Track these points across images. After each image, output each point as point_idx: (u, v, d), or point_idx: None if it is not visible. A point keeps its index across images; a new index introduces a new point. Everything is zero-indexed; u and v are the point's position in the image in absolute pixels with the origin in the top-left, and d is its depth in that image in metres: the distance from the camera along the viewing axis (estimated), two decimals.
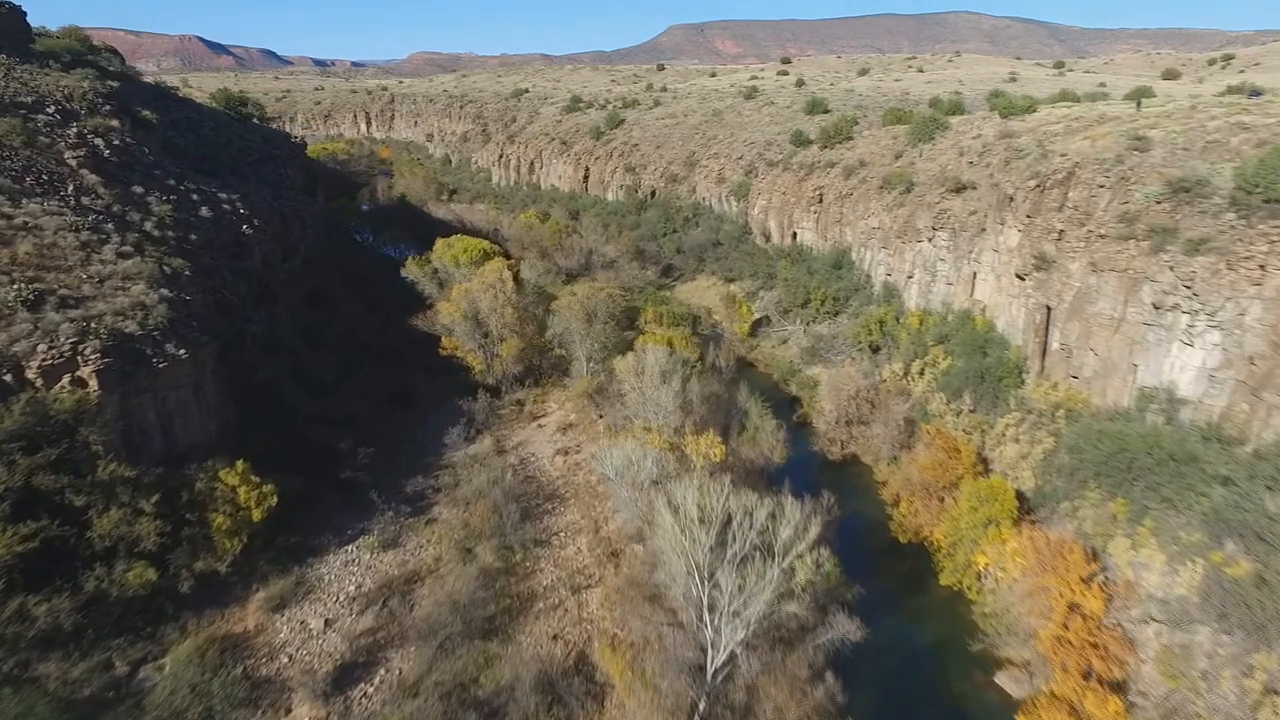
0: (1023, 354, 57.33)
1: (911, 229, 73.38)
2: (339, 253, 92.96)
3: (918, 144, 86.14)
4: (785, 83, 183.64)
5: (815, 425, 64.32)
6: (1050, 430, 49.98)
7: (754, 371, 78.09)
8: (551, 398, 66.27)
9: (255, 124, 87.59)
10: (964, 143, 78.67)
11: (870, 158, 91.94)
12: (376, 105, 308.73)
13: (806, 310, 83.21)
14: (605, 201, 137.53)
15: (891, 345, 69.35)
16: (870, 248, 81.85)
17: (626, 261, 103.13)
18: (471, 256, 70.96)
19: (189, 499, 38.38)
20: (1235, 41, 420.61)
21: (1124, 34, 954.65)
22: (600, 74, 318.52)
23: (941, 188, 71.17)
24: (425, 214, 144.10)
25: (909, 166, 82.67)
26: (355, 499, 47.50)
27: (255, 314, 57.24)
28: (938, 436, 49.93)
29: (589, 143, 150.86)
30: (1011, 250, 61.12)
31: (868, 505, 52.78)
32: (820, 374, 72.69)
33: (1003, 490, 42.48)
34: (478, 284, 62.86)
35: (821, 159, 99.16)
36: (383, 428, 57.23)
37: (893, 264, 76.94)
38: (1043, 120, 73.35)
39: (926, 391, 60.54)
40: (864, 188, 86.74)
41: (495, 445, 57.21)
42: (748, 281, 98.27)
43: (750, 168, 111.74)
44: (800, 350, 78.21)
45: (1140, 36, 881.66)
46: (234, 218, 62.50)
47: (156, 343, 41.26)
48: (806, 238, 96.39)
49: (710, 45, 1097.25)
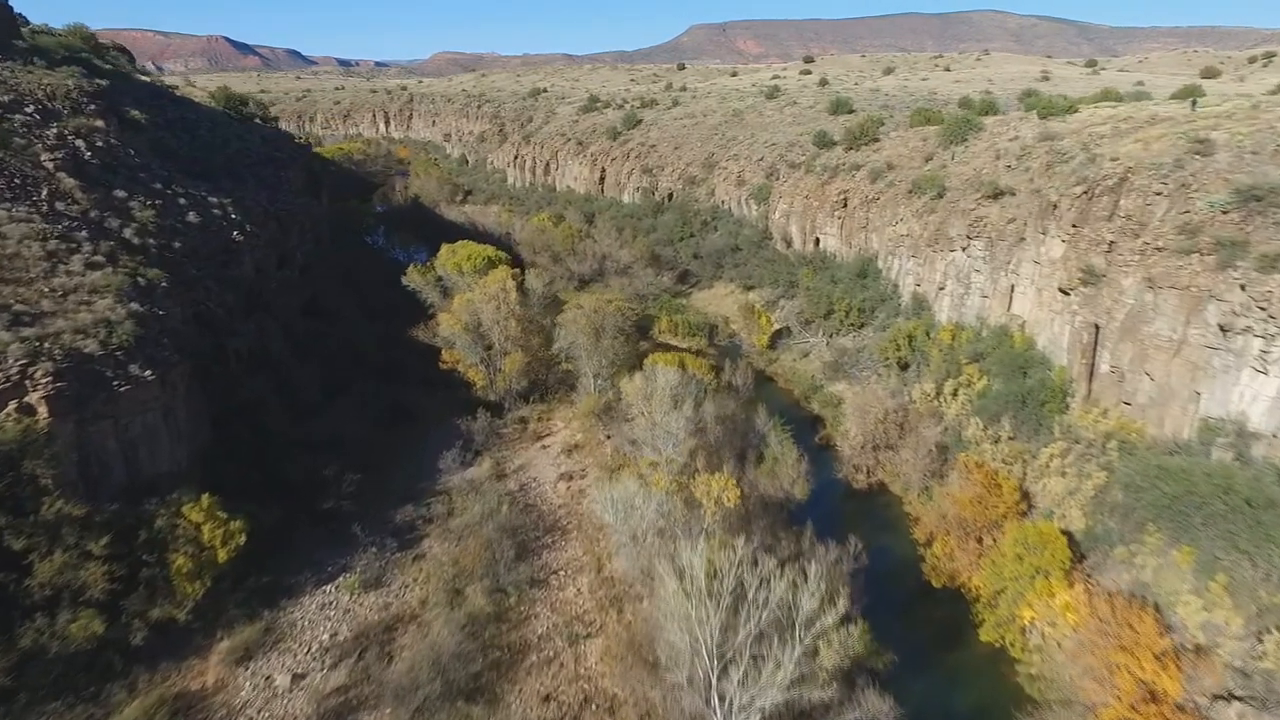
0: (1067, 376, 52.56)
1: (943, 237, 68.69)
2: (344, 257, 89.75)
3: (949, 146, 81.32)
4: (808, 82, 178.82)
5: (839, 448, 59.90)
6: (1101, 463, 45.23)
7: (773, 387, 73.72)
8: (558, 415, 62.37)
9: (257, 124, 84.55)
10: (1000, 145, 73.84)
11: (898, 160, 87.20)
12: (395, 105, 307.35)
13: (829, 322, 78.70)
14: (621, 204, 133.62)
15: (921, 362, 64.73)
16: (898, 256, 77.18)
17: (641, 267, 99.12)
18: (475, 264, 67.21)
19: (147, 538, 34.83)
20: (1270, 39, 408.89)
21: (1154, 32, 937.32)
22: (620, 73, 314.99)
23: (977, 193, 66.41)
24: (437, 216, 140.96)
25: (940, 170, 77.90)
26: (338, 531, 43.81)
27: (243, 326, 53.83)
28: (976, 470, 45.36)
29: (605, 143, 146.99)
30: (1054, 262, 56.34)
31: (897, 542, 48.29)
32: (844, 391, 68.19)
33: (1052, 537, 37.86)
34: (479, 294, 59.09)
35: (846, 161, 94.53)
36: (375, 449, 53.59)
37: (922, 274, 72.25)
38: (1086, 121, 68.41)
39: (960, 414, 55.89)
40: (891, 192, 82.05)
41: (494, 469, 53.39)
42: (767, 289, 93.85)
43: (771, 170, 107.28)
44: (822, 365, 73.70)
45: (1171, 35, 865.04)
46: (224, 223, 59.19)
47: (119, 364, 37.76)
48: (830, 244, 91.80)
49: (732, 45, 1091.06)
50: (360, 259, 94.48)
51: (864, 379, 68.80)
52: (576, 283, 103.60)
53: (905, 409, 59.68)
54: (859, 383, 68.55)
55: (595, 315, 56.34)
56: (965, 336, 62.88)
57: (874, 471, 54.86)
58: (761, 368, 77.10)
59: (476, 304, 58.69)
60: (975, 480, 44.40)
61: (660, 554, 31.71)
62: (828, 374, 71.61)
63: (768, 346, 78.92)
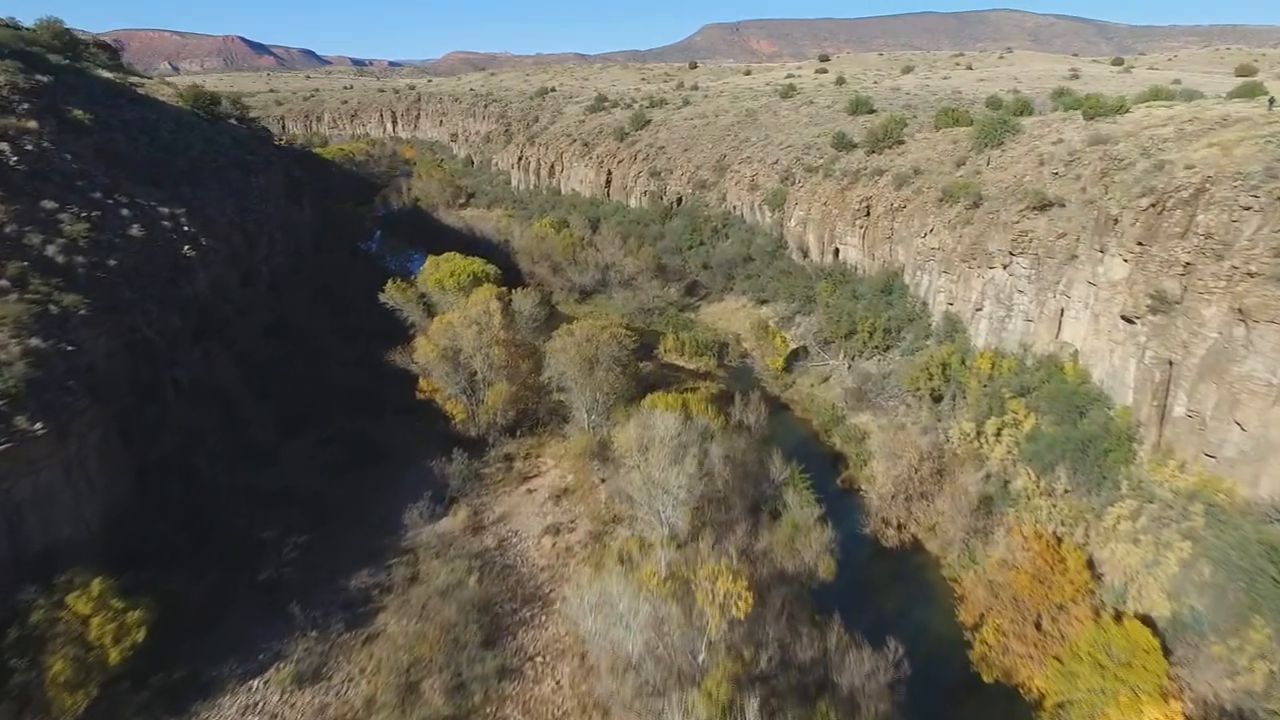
0: (1133, 419, 45.26)
1: (981, 252, 61.47)
2: (327, 269, 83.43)
3: (983, 149, 74.04)
4: (825, 81, 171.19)
5: (864, 494, 52.78)
6: (1182, 530, 38.00)
7: (789, 416, 66.66)
8: (548, 451, 55.58)
9: (232, 125, 78.31)
10: (1042, 148, 66.52)
11: (926, 165, 79.94)
12: (402, 104, 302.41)
13: (851, 342, 71.54)
14: (628, 208, 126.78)
15: (957, 394, 57.54)
16: (928, 271, 69.95)
17: (647, 279, 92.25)
18: (459, 281, 60.58)
19: (19, 636, 28.32)
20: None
21: (1174, 31, 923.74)
22: (630, 72, 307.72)
23: (1020, 204, 59.12)
24: (436, 221, 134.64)
25: (974, 176, 70.64)
26: (280, 603, 37.25)
27: (187, 355, 47.38)
28: (1033, 539, 38.21)
29: (612, 145, 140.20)
30: (1115, 285, 49.07)
31: (938, 619, 41.16)
32: (869, 424, 61.07)
33: (1144, 646, 30.65)
34: (459, 317, 52.39)
35: (868, 165, 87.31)
36: (335, 497, 46.96)
37: (956, 292, 65.02)
38: (1142, 123, 61.04)
39: (1006, 459, 48.71)
40: (919, 200, 74.81)
41: (471, 520, 46.68)
42: (782, 304, 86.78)
43: (786, 174, 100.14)
44: (844, 391, 66.58)
45: (1191, 34, 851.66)
46: (175, 236, 52.80)
47: (2, 416, 31.29)
48: (850, 255, 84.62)
49: (745, 44, 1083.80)
50: (347, 270, 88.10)
51: (891, 410, 61.66)
52: (578, 295, 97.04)
53: (940, 450, 52.56)
54: (885, 414, 61.41)
55: (587, 344, 49.54)
56: (1007, 366, 55.62)
57: (906, 526, 47.73)
58: (776, 393, 70.10)
59: (456, 328, 52.03)
60: (1033, 551, 37.28)
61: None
62: (850, 403, 64.47)
63: (783, 369, 71.81)
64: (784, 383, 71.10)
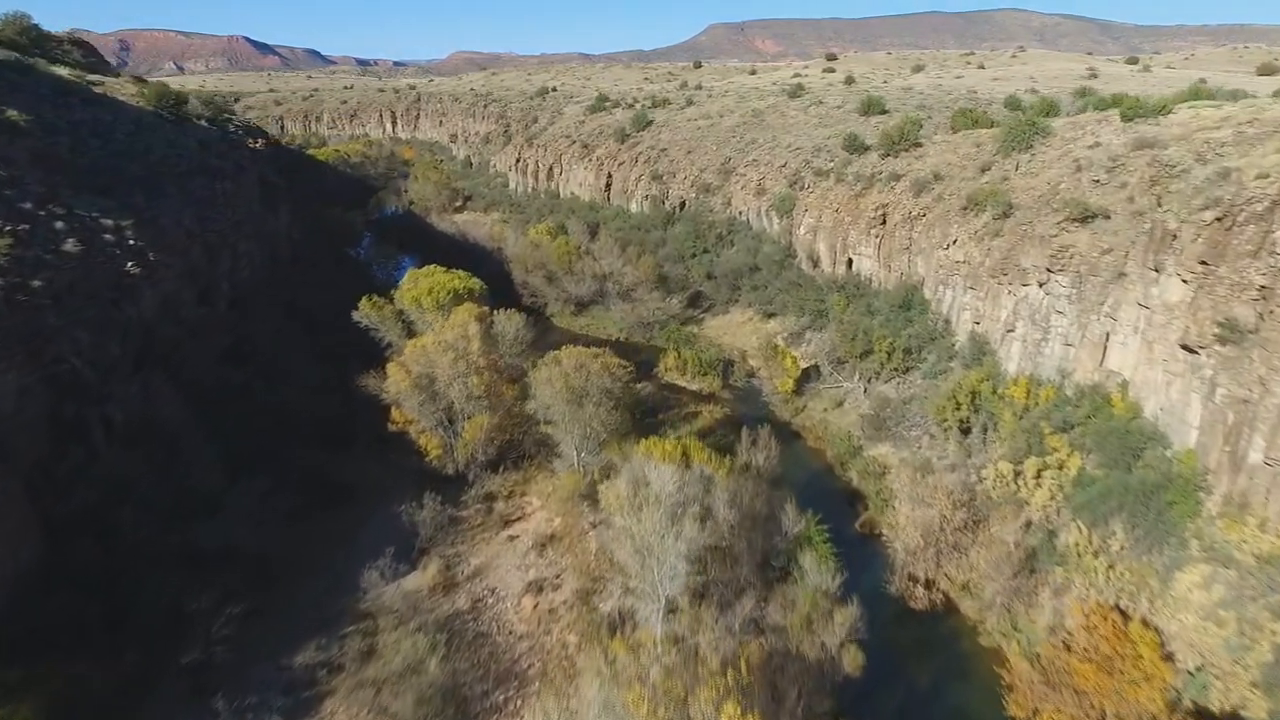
0: (1199, 464, 39.59)
1: (1012, 267, 55.76)
2: (305, 282, 77.97)
3: (1011, 153, 68.31)
4: (833, 80, 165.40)
5: (887, 541, 47.08)
6: (1273, 606, 32.31)
7: (801, 445, 60.99)
8: (534, 488, 50.04)
9: (201, 126, 72.88)
10: (1077, 152, 60.84)
11: (947, 170, 74.25)
12: (402, 105, 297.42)
13: (868, 363, 65.88)
14: (628, 213, 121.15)
15: (989, 425, 51.85)
16: (951, 286, 64.27)
17: (647, 290, 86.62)
18: (437, 298, 55.08)
19: None
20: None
21: (1180, 30, 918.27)
22: (633, 72, 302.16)
23: (1058, 214, 53.41)
24: (428, 226, 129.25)
25: (1002, 183, 64.94)
26: (208, 691, 31.75)
27: (122, 388, 41.93)
28: (1096, 614, 32.56)
29: (613, 146, 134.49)
30: (1172, 308, 43.37)
31: (980, 704, 35.42)
32: (889, 457, 55.38)
33: None
34: (433, 342, 46.87)
35: (883, 170, 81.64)
36: (288, 551, 41.49)
37: (984, 310, 59.31)
38: (1191, 125, 55.25)
39: (1049, 507, 43.01)
40: (941, 208, 69.16)
41: (442, 576, 41.17)
42: (791, 318, 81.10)
43: (795, 178, 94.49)
44: (861, 418, 60.90)
45: (1199, 33, 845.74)
46: (119, 251, 47.35)
47: None
48: (865, 266, 78.94)
49: (750, 44, 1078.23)
50: (329, 281, 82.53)
51: (913, 441, 55.96)
52: (574, 306, 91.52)
53: (971, 491, 46.87)
54: (907, 446, 55.71)
55: (576, 375, 43.96)
56: (1045, 395, 49.93)
57: (937, 583, 42.04)
58: (785, 419, 64.47)
59: (430, 354, 46.51)
60: (1096, 631, 31.64)
61: None
62: (868, 432, 58.77)
63: (793, 392, 66.12)
64: (794, 407, 65.43)
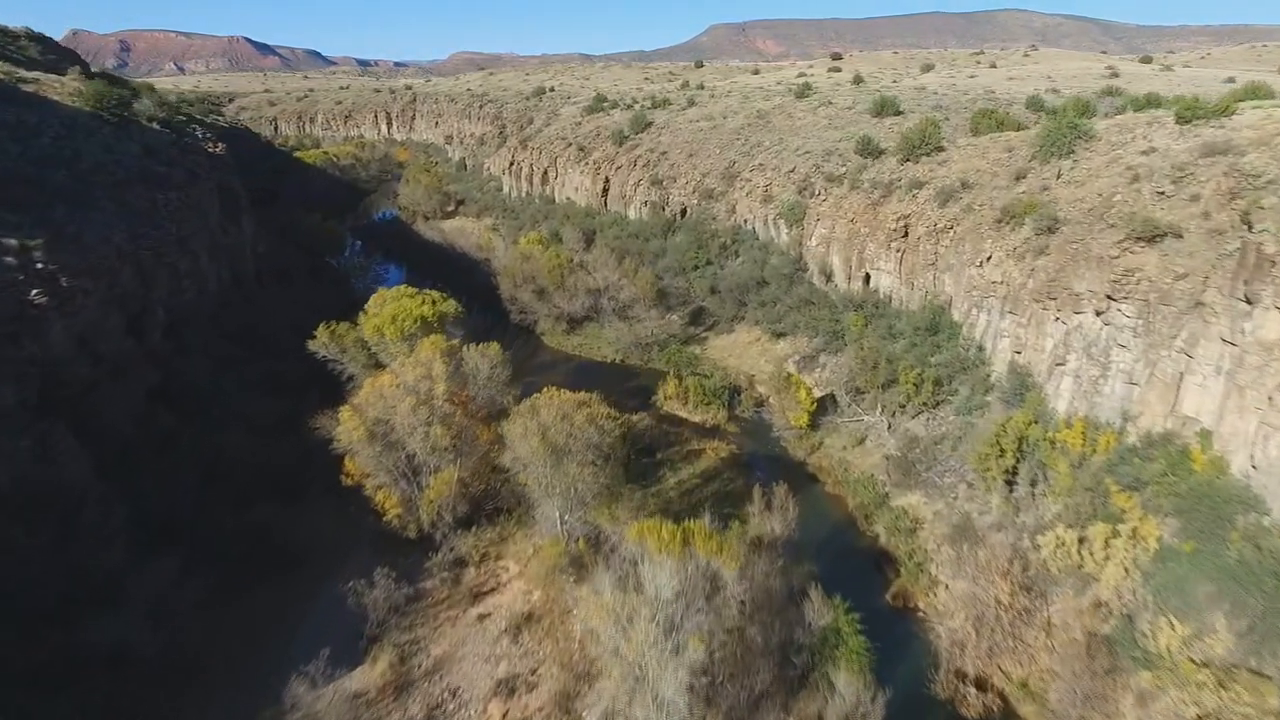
0: None
1: (1062, 290, 48.72)
2: (268, 300, 71.04)
3: (1050, 159, 61.35)
4: (840, 80, 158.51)
5: (925, 619, 40.07)
6: None
7: (818, 491, 53.90)
8: (511, 550, 43.03)
9: (152, 129, 65.88)
10: (1129, 159, 53.85)
11: (975, 177, 67.30)
12: (397, 105, 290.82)
13: (892, 394, 58.88)
14: (626, 220, 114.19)
15: (1039, 476, 44.81)
16: (986, 309, 57.26)
17: (645, 307, 79.58)
18: (403, 327, 48.05)
19: None
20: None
21: (1183, 31, 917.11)
22: (633, 71, 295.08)
23: (1116, 231, 46.42)
24: (415, 234, 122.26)
25: (1042, 194, 57.93)
26: None
27: (13, 444, 34.95)
28: None
29: (610, 149, 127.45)
30: (1269, 347, 36.34)
31: None
32: (920, 508, 48.34)
33: None
34: (391, 384, 39.92)
35: (902, 176, 74.68)
36: (215, 637, 34.54)
37: (1026, 338, 52.28)
38: (1264, 128, 48.23)
39: (1124, 585, 36.00)
40: (970, 220, 62.20)
41: (395, 671, 34.23)
42: (803, 338, 74.04)
43: (805, 184, 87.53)
44: (886, 460, 53.91)
45: (1202, 34, 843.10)
46: (22, 276, 40.42)
47: None
48: (884, 283, 71.94)
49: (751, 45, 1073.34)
50: (299, 299, 75.54)
51: (948, 490, 48.91)
52: (566, 324, 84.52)
53: (1025, 560, 39.89)
54: (941, 496, 48.66)
55: (557, 429, 36.87)
56: (1106, 443, 42.92)
57: (990, 681, 34.96)
58: (800, 458, 57.45)
59: (387, 398, 39.61)
60: None
61: None
62: (894, 477, 51.74)
63: (808, 426, 59.09)
64: (809, 444, 58.36)
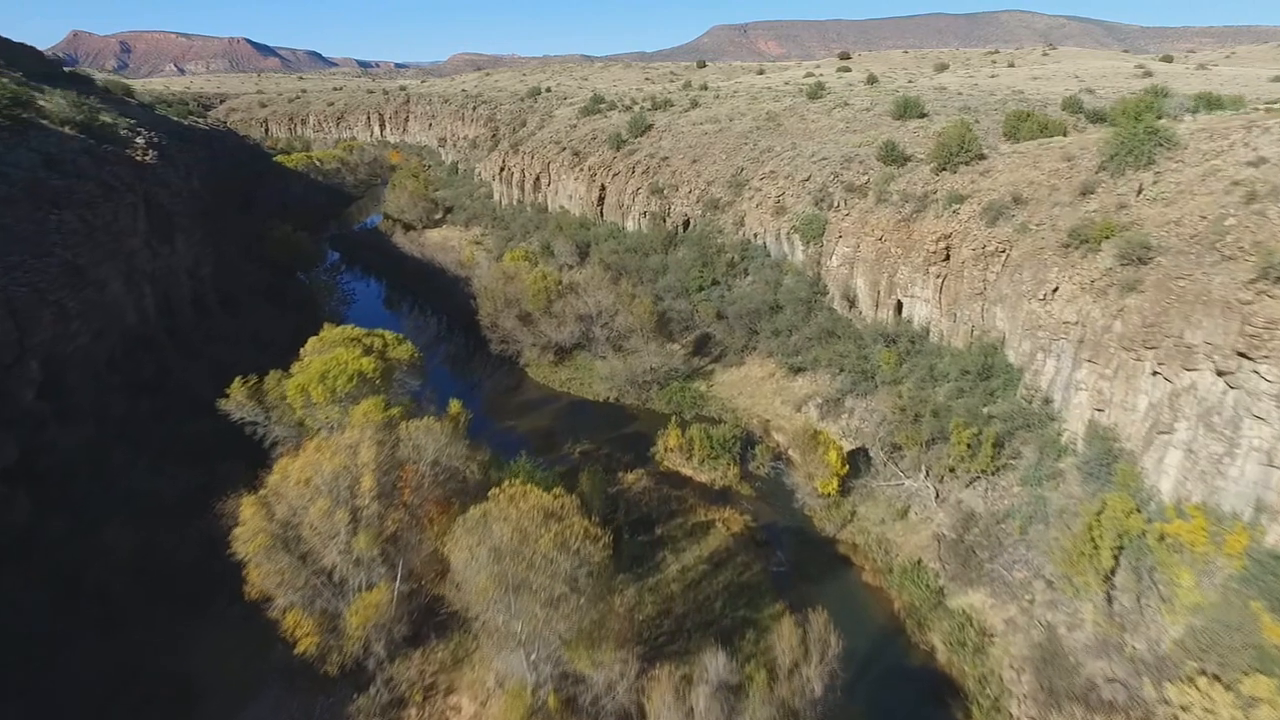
0: None
1: (1165, 339, 38.77)
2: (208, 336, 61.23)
3: (1124, 170, 51.48)
4: (852, 80, 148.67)
5: None
6: None
7: (853, 578, 43.78)
8: (465, 682, 33.14)
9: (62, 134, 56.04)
10: (1233, 172, 44.00)
11: (1029, 190, 57.45)
12: (391, 106, 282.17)
13: (937, 452, 48.94)
14: (623, 232, 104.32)
15: (1148, 582, 34.85)
16: (1055, 354, 47.25)
17: (643, 337, 69.55)
18: (334, 386, 37.91)
19: None
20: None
21: (1185, 32, 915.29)
22: (633, 71, 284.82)
23: (1239, 265, 36.48)
24: (394, 248, 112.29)
25: (1119, 213, 48.05)
26: None
27: None
28: None
29: (606, 154, 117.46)
30: None
31: None
32: (988, 613, 38.35)
33: None
34: (296, 481, 29.91)
35: (938, 188, 64.88)
36: None
37: (1110, 394, 42.28)
38: None
39: None
40: (1028, 243, 52.34)
41: None
42: (825, 375, 64.04)
43: (822, 194, 77.60)
44: (936, 540, 43.92)
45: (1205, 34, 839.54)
46: None
47: None
48: (920, 312, 62.09)
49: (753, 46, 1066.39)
50: (247, 331, 65.68)
51: (1020, 589, 38.87)
52: (554, 353, 74.56)
53: (1144, 708, 29.95)
54: (1012, 596, 38.64)
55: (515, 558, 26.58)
56: (1237, 544, 32.96)
57: None
58: (829, 533, 47.37)
59: (290, 499, 29.73)
60: None
61: None
62: (950, 564, 41.75)
63: (838, 492, 49.07)
64: (840, 514, 48.26)
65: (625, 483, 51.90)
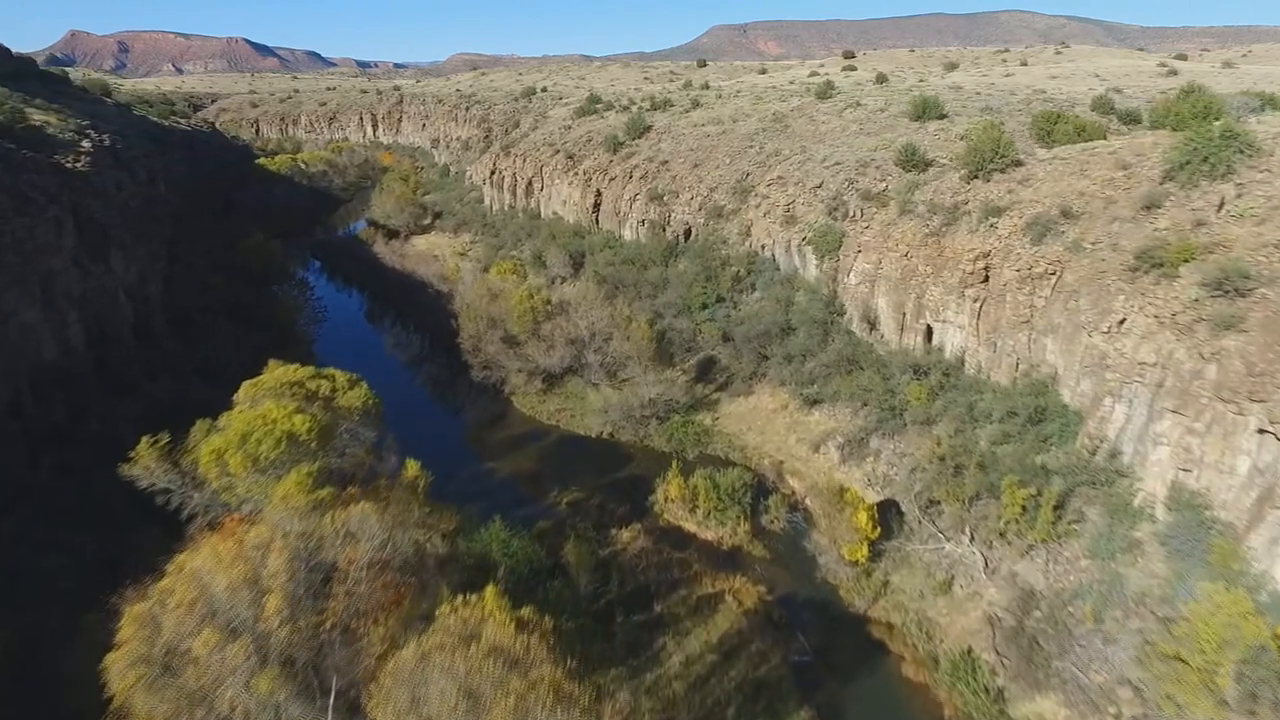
0: None
1: (1274, 389, 31.72)
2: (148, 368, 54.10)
3: (1196, 180, 44.42)
4: (861, 79, 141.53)
5: None
6: None
7: (892, 672, 36.67)
8: None
9: None
10: None
11: (1079, 202, 50.36)
12: (384, 107, 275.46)
13: (983, 509, 41.84)
14: (620, 241, 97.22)
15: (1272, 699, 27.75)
16: (1126, 399, 40.09)
17: (641, 365, 62.36)
18: (256, 453, 30.43)
19: None
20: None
21: (1186, 32, 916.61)
22: (632, 71, 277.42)
23: None
24: (374, 258, 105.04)
25: (1196, 230, 41.02)
26: None
27: None
28: None
29: (602, 157, 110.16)
30: None
31: None
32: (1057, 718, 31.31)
33: None
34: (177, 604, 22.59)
35: (970, 198, 57.87)
36: None
37: (1202, 452, 35.12)
38: None
39: None
40: (1085, 265, 45.28)
41: None
42: (844, 409, 56.90)
43: (836, 202, 70.46)
44: (990, 625, 36.81)
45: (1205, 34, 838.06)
46: None
47: None
48: (953, 340, 54.99)
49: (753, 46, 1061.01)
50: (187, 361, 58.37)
51: (1101, 698, 31.78)
52: (542, 380, 67.31)
53: None
54: (1093, 709, 31.55)
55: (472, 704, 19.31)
56: None
57: None
58: (859, 608, 40.16)
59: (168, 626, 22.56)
60: None
61: None
62: (1010, 660, 34.63)
63: (868, 558, 41.91)
64: (872, 585, 41.05)
65: (620, 542, 44.82)
